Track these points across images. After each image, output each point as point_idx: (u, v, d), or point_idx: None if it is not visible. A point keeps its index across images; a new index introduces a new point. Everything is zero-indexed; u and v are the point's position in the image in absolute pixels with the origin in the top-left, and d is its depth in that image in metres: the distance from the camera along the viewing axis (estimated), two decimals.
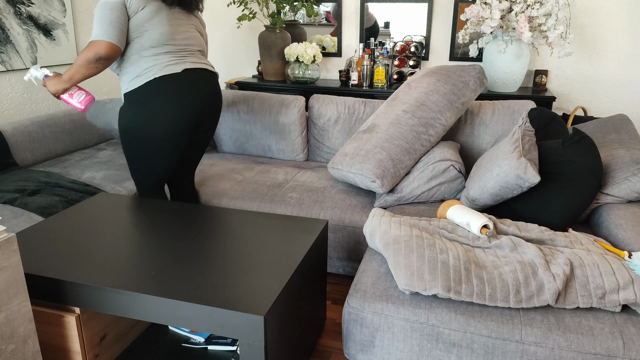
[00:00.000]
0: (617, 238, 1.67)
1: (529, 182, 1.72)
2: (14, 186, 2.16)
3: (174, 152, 1.97)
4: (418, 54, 3.41)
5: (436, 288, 1.36)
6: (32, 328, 1.19)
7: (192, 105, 1.92)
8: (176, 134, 1.91)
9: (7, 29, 2.62)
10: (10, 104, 2.70)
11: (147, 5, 1.85)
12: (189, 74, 1.92)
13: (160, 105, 1.86)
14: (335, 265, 2.25)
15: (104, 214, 1.80)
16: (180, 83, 1.89)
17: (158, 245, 1.56)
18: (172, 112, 1.88)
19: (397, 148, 2.17)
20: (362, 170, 2.15)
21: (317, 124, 2.74)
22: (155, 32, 1.86)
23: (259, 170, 2.61)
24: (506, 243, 1.53)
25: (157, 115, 1.86)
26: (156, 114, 1.86)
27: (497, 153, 1.87)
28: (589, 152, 1.82)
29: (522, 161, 1.71)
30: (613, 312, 1.35)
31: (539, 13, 2.76)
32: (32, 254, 1.51)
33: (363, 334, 1.44)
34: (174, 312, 1.29)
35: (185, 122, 1.92)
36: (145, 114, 1.86)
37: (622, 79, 3.19)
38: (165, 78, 1.87)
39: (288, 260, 1.47)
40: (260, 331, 1.22)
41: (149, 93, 1.86)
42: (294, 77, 3.43)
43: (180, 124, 1.91)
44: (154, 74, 1.86)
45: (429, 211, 2.06)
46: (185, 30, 1.96)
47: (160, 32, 1.87)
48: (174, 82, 1.88)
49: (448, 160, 2.15)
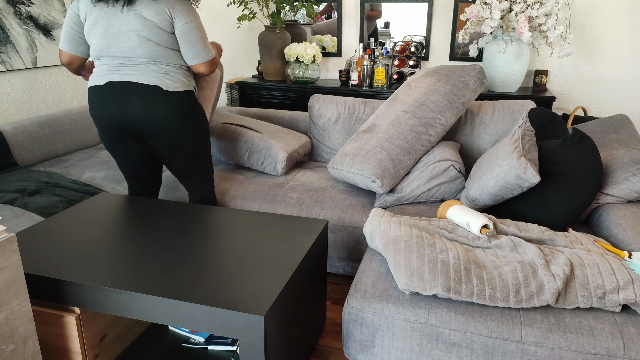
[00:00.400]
0: (617, 238, 1.67)
1: (529, 182, 1.72)
2: (14, 186, 2.16)
3: (116, 160, 2.03)
4: (418, 54, 3.41)
5: (436, 288, 1.36)
6: (32, 328, 1.19)
7: (107, 118, 1.86)
8: (104, 141, 1.97)
9: (7, 29, 2.62)
10: (10, 104, 2.70)
11: (88, 17, 1.84)
12: (113, 86, 1.83)
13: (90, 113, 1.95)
14: (335, 265, 2.26)
15: (104, 214, 1.80)
16: (98, 96, 1.87)
17: (158, 245, 1.56)
18: (96, 122, 1.92)
19: (397, 148, 2.17)
20: (362, 170, 2.15)
21: (317, 124, 2.74)
22: (93, 46, 1.87)
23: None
24: (506, 243, 1.53)
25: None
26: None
27: (497, 153, 1.87)
28: (589, 152, 1.82)
29: (522, 161, 1.71)
30: (613, 312, 1.35)
31: (539, 13, 2.76)
32: (32, 254, 1.51)
33: (363, 334, 1.44)
34: (174, 312, 1.29)
35: (104, 133, 1.93)
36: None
37: (622, 79, 3.19)
38: (92, 89, 1.89)
39: (288, 260, 1.47)
40: (260, 331, 1.22)
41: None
42: (294, 77, 3.43)
43: (101, 133, 1.94)
44: (88, 84, 1.91)
45: (429, 211, 2.07)
46: (123, 40, 1.81)
47: (95, 48, 1.86)
48: (94, 94, 1.87)
49: (448, 160, 2.15)
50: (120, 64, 1.85)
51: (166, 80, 1.84)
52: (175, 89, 1.84)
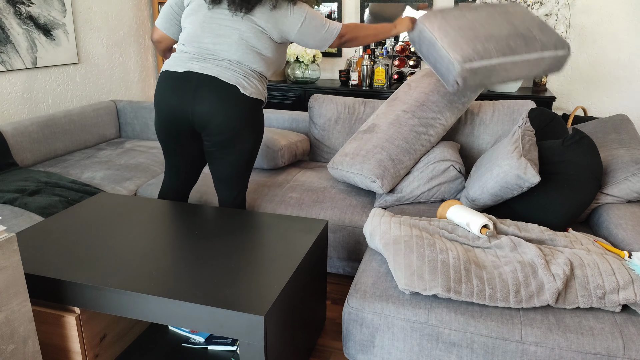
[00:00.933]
0: (617, 238, 1.67)
1: (529, 182, 1.72)
2: (14, 186, 2.16)
3: (163, 150, 1.99)
4: (418, 54, 3.41)
5: (436, 288, 1.36)
6: (32, 328, 1.19)
7: (172, 107, 1.82)
8: (160, 133, 1.92)
9: (7, 29, 2.62)
10: (10, 104, 2.70)
11: (192, 2, 1.86)
12: (190, 76, 1.80)
13: (154, 99, 1.89)
14: (335, 265, 2.26)
15: (104, 214, 1.80)
16: (171, 82, 1.82)
17: (158, 245, 1.56)
18: (159, 110, 1.87)
19: (397, 148, 2.17)
20: (362, 171, 2.15)
21: (317, 124, 2.74)
22: (186, 31, 1.86)
23: (259, 170, 2.61)
24: (506, 243, 1.53)
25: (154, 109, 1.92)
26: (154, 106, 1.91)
27: (497, 153, 1.87)
28: (589, 152, 1.82)
29: (522, 161, 1.71)
30: (613, 312, 1.35)
31: (539, 13, 2.76)
32: (32, 254, 1.51)
33: (363, 334, 1.44)
34: (174, 312, 1.29)
35: (163, 123, 1.88)
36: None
37: (622, 79, 3.19)
38: (166, 74, 1.85)
39: (288, 260, 1.47)
40: (260, 331, 1.22)
41: (156, 86, 1.91)
42: (294, 77, 3.43)
43: (160, 123, 1.89)
44: (163, 68, 1.88)
45: (429, 211, 2.07)
46: (221, 35, 1.80)
47: (187, 32, 1.85)
48: (168, 80, 1.83)
49: (448, 160, 2.15)
50: (204, 57, 1.82)
51: (244, 82, 1.82)
52: (251, 94, 1.83)
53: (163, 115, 1.86)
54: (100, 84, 3.34)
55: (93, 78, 3.26)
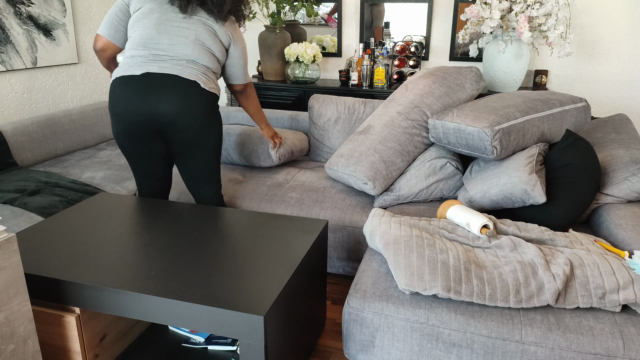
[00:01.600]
0: (617, 238, 1.67)
1: (534, 200, 1.73)
2: (14, 186, 2.16)
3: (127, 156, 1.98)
4: (418, 54, 3.41)
5: (436, 288, 1.36)
6: (32, 328, 1.19)
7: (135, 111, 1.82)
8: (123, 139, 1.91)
9: (7, 29, 2.62)
10: (10, 104, 2.70)
11: (143, 7, 1.88)
12: (150, 77, 1.82)
13: (110, 106, 1.88)
14: (335, 265, 2.26)
15: (104, 214, 1.80)
16: (130, 86, 1.82)
17: (158, 245, 1.56)
18: (119, 116, 1.85)
19: (390, 150, 2.17)
20: (355, 172, 2.15)
21: (317, 124, 2.74)
22: (136, 34, 1.87)
23: (259, 170, 2.61)
24: (506, 243, 1.53)
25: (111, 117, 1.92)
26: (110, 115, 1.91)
27: (509, 162, 1.87)
28: (585, 154, 1.82)
29: (534, 177, 1.72)
30: (613, 312, 1.35)
31: (539, 13, 2.76)
32: (32, 254, 1.51)
33: (363, 334, 1.44)
34: (174, 312, 1.29)
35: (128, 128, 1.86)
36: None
37: (622, 79, 3.19)
38: (122, 80, 1.84)
39: (288, 260, 1.47)
40: (260, 331, 1.22)
41: (110, 93, 1.90)
42: (294, 77, 3.43)
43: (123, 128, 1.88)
44: (116, 75, 1.87)
45: (429, 211, 2.07)
46: (179, 37, 1.85)
47: (139, 35, 1.86)
48: (125, 84, 1.83)
49: (444, 157, 2.16)
50: (161, 57, 1.85)
51: (203, 78, 1.89)
52: (210, 89, 1.90)
53: (126, 120, 1.85)
54: (100, 84, 3.34)
55: (93, 78, 3.26)
